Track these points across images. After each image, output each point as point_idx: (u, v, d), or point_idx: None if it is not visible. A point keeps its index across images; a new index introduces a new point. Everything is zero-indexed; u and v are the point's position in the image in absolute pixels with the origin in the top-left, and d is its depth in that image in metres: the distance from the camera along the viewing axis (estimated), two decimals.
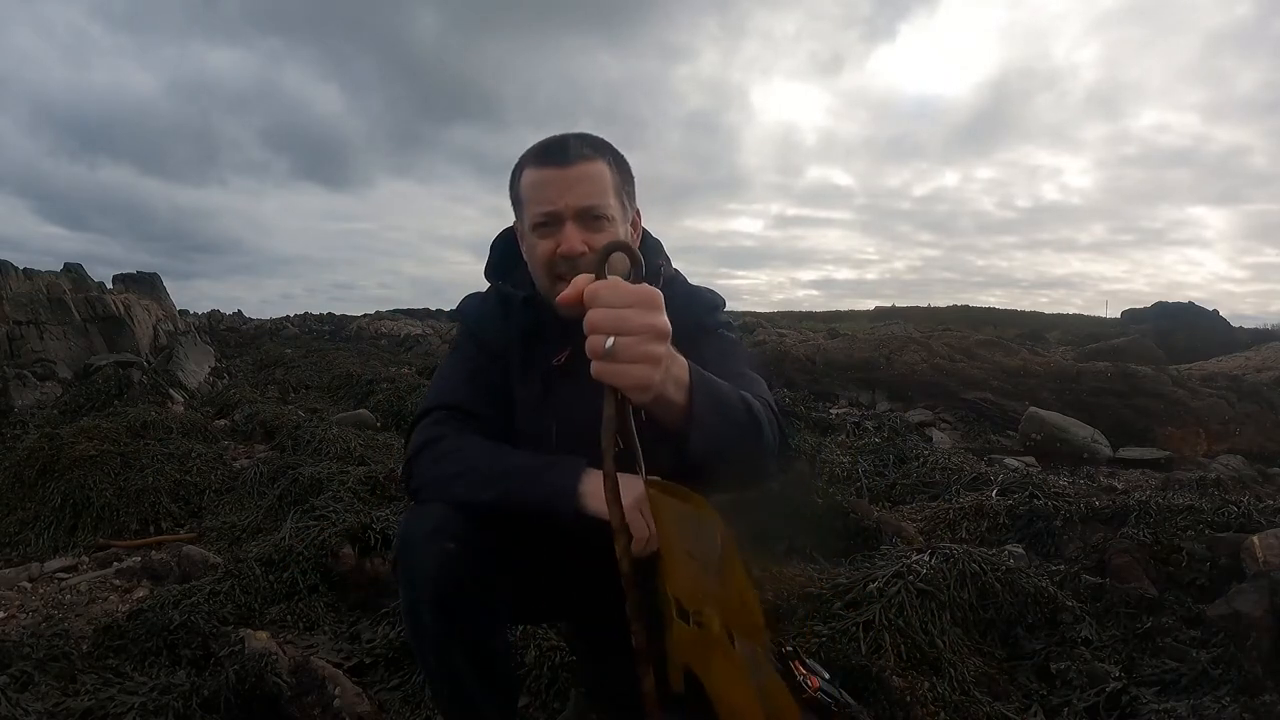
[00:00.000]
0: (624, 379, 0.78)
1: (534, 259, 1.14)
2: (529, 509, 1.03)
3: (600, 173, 1.10)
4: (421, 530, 1.07)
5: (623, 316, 0.77)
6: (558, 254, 1.09)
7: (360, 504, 2.83)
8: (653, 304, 0.78)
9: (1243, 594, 1.82)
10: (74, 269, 10.90)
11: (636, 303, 0.77)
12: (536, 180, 1.10)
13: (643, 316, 0.77)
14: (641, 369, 0.78)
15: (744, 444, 0.96)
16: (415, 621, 1.10)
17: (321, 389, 7.35)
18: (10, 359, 7.93)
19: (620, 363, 0.77)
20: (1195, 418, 6.15)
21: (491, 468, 1.07)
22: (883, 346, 8.83)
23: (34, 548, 2.92)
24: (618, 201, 1.12)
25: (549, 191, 1.09)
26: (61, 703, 1.59)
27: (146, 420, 4.26)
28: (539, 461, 1.07)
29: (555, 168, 1.09)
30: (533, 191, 1.11)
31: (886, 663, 1.67)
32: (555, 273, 1.11)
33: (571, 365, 1.15)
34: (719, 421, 0.90)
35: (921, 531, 2.70)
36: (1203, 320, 18.43)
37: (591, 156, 1.10)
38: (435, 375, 1.30)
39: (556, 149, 1.10)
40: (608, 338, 0.76)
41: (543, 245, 1.11)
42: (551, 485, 1.02)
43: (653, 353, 0.78)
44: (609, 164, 1.12)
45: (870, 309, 41.91)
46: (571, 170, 1.08)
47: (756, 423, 0.98)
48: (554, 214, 1.09)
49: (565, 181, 1.08)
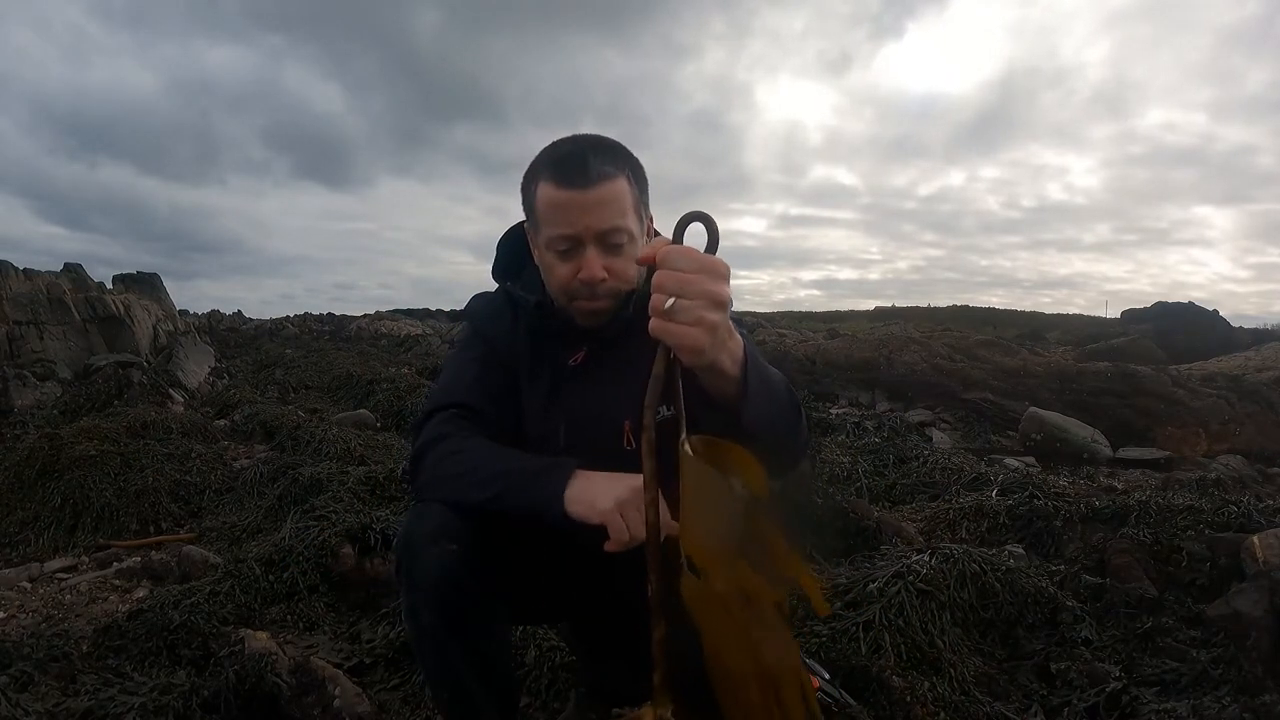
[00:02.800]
0: (679, 338, 0.80)
1: (551, 278, 1.13)
2: (521, 512, 1.03)
3: (620, 193, 1.08)
4: (424, 531, 1.07)
5: (687, 279, 0.79)
6: (578, 280, 1.08)
7: (360, 504, 2.83)
8: (719, 273, 0.81)
9: (1243, 594, 1.82)
10: (74, 269, 10.91)
11: (703, 270, 0.80)
12: (556, 201, 1.07)
13: (706, 283, 0.80)
14: (697, 332, 0.80)
15: (788, 425, 0.99)
16: (416, 623, 1.10)
17: (321, 389, 7.34)
18: (10, 359, 7.94)
19: (678, 323, 0.80)
20: (1195, 418, 6.15)
21: (491, 469, 1.07)
22: (883, 347, 8.83)
23: (34, 548, 2.91)
24: (636, 217, 1.11)
25: (569, 215, 1.06)
26: (61, 703, 1.59)
27: (146, 420, 4.25)
28: (534, 465, 1.07)
29: (576, 190, 1.06)
30: (551, 212, 1.08)
31: (886, 663, 1.67)
32: (574, 296, 1.10)
33: (584, 367, 1.16)
34: (767, 401, 0.92)
35: (921, 531, 2.70)
36: (1203, 320, 18.43)
37: (612, 175, 1.07)
38: (442, 373, 1.30)
39: (576, 169, 1.06)
40: (669, 298, 0.79)
41: (562, 269, 1.09)
42: (542, 489, 1.02)
43: (710, 319, 0.80)
44: (628, 178, 1.09)
45: (870, 309, 41.94)
46: (592, 193, 1.06)
47: (797, 407, 1.01)
48: (574, 238, 1.07)
49: (585, 205, 1.06)
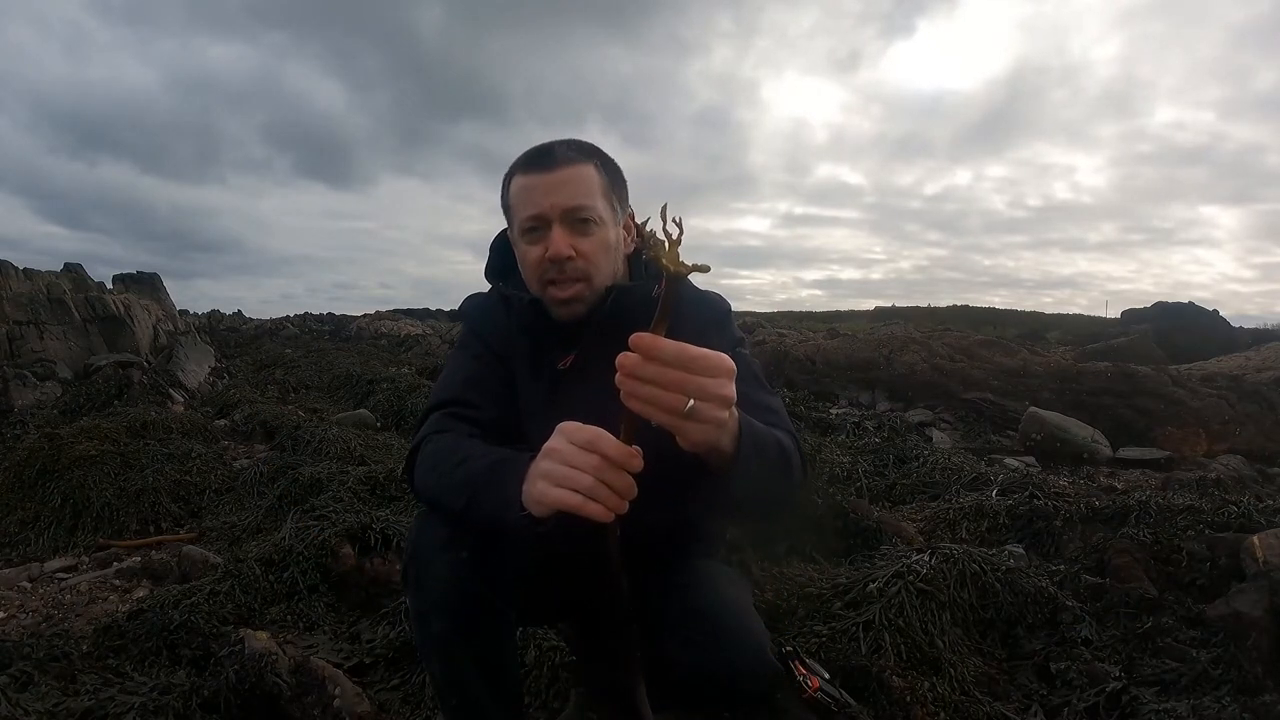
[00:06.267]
0: (697, 437, 0.83)
1: (525, 266, 1.14)
2: (484, 522, 0.99)
3: (586, 175, 1.10)
4: (434, 538, 1.07)
5: (705, 385, 0.79)
6: (546, 258, 1.09)
7: (360, 504, 2.83)
8: (731, 373, 0.82)
9: (1243, 594, 1.82)
10: (74, 269, 10.92)
11: (720, 374, 0.81)
12: (523, 185, 1.11)
13: (723, 387, 0.81)
14: (711, 431, 0.83)
15: (777, 484, 1.01)
16: (426, 630, 1.10)
17: (321, 389, 7.35)
18: (10, 359, 7.94)
19: (697, 423, 0.81)
20: (1195, 418, 6.14)
21: (461, 476, 1.02)
22: (883, 346, 8.83)
23: (34, 548, 2.92)
24: (606, 203, 1.12)
25: (535, 195, 1.09)
26: (61, 703, 1.59)
27: (146, 420, 4.26)
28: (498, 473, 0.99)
29: (541, 172, 1.10)
30: (520, 197, 1.11)
31: (886, 663, 1.67)
32: (546, 278, 1.11)
33: (576, 368, 1.15)
34: (758, 467, 0.93)
35: (921, 531, 2.70)
36: (1203, 320, 18.43)
37: (577, 160, 1.10)
38: (440, 374, 1.30)
39: (542, 154, 1.11)
40: (689, 401, 0.79)
41: (532, 251, 1.11)
42: (501, 497, 0.95)
43: (722, 418, 0.83)
44: (596, 166, 1.12)
45: (871, 309, 41.93)
46: (556, 174, 1.09)
47: (788, 464, 1.02)
48: (540, 217, 1.09)
49: (550, 184, 1.09)
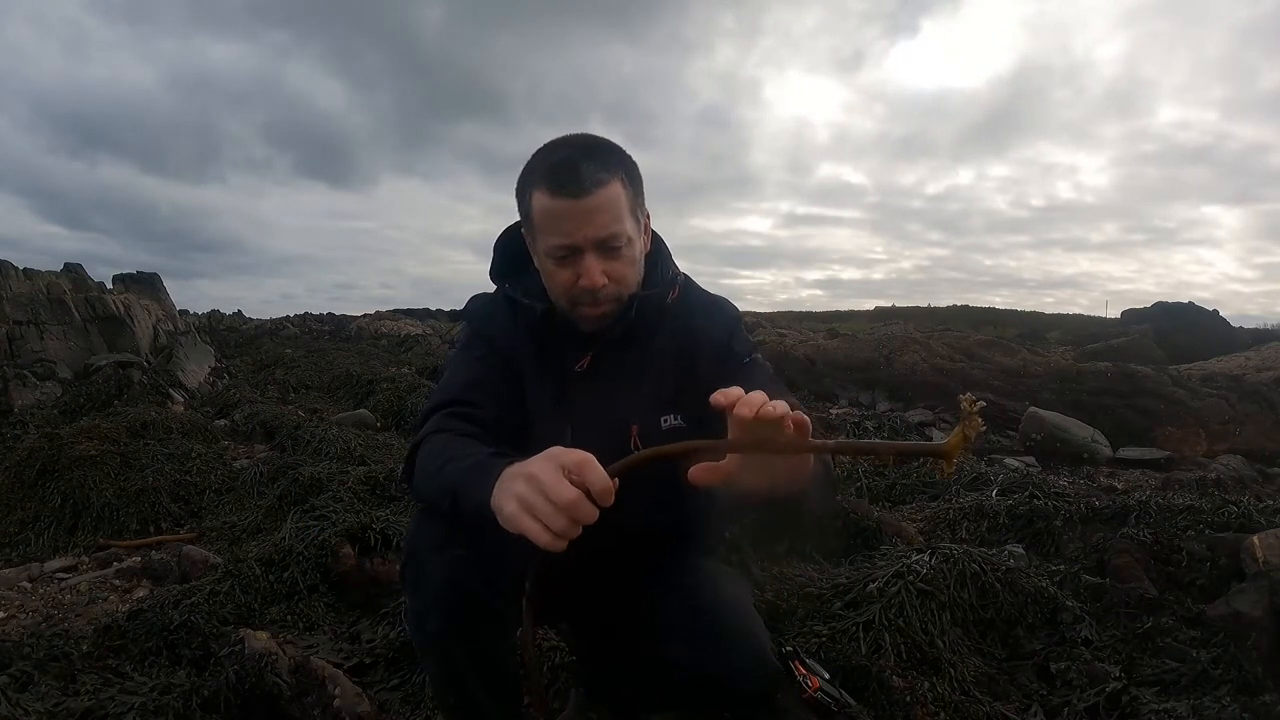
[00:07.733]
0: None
1: (552, 284, 1.14)
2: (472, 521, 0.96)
3: (615, 198, 1.08)
4: (431, 537, 1.07)
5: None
6: (579, 286, 1.09)
7: (360, 504, 2.82)
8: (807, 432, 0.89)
9: (1243, 594, 1.82)
10: (74, 269, 10.91)
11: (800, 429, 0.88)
12: (551, 210, 1.07)
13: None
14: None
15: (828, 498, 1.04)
16: (423, 629, 1.10)
17: (321, 389, 7.34)
18: (10, 359, 7.93)
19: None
20: (1195, 418, 6.14)
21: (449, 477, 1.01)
22: (883, 346, 8.83)
23: (34, 548, 2.92)
24: (632, 219, 1.11)
25: (565, 225, 1.07)
26: (61, 703, 1.59)
27: (146, 420, 4.26)
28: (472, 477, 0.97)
29: (570, 199, 1.05)
30: (547, 222, 1.08)
31: (886, 663, 1.67)
32: (577, 302, 1.11)
33: (590, 371, 1.16)
34: (821, 485, 0.98)
35: (921, 531, 2.70)
36: (1203, 320, 18.43)
37: (605, 181, 1.07)
38: (443, 374, 1.30)
39: (569, 177, 1.06)
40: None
41: (562, 275, 1.10)
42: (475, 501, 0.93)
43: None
44: (622, 181, 1.09)
45: (871, 309, 41.89)
46: (587, 202, 1.05)
47: (828, 475, 1.05)
48: (572, 247, 1.08)
49: (582, 214, 1.06)
